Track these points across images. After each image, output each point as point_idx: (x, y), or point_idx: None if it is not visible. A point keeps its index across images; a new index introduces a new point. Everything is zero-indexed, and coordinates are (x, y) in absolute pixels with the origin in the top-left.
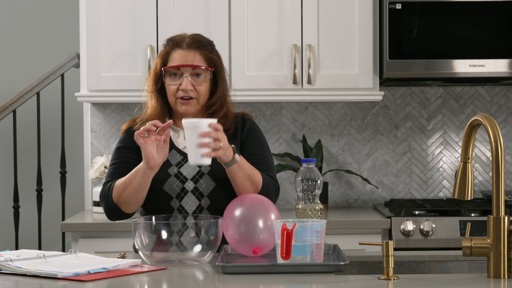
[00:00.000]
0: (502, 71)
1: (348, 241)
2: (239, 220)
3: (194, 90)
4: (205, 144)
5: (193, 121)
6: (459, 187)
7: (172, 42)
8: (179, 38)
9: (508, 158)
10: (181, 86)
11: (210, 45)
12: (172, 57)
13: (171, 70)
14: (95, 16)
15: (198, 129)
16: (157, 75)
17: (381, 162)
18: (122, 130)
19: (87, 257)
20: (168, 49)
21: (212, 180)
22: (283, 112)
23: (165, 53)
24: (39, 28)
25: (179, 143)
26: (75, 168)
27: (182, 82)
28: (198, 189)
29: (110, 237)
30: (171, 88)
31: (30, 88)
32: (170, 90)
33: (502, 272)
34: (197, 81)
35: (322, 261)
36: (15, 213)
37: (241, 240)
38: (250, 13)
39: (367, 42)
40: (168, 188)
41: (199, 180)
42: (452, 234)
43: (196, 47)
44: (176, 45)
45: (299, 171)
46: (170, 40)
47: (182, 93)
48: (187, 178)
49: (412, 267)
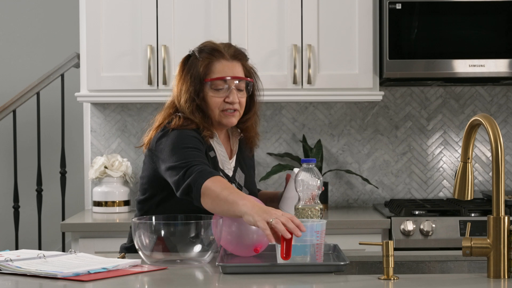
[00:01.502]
0: (502, 71)
1: (348, 241)
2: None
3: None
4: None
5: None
6: (459, 187)
7: (216, 53)
8: (219, 47)
9: (508, 158)
10: (228, 98)
11: (247, 56)
12: (215, 68)
13: (217, 83)
14: (95, 16)
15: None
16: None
17: (381, 162)
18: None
19: (87, 257)
20: (211, 59)
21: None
22: (283, 112)
23: (208, 64)
24: (39, 28)
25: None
26: (75, 168)
27: (229, 95)
28: None
29: (110, 237)
30: (217, 100)
31: (30, 88)
32: (214, 102)
33: (502, 272)
34: (240, 94)
35: (322, 261)
36: (15, 213)
37: (232, 240)
38: (250, 13)
39: (367, 42)
40: None
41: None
42: (452, 234)
43: (239, 59)
44: (219, 55)
45: (299, 170)
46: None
47: (228, 106)
48: None
49: (412, 267)
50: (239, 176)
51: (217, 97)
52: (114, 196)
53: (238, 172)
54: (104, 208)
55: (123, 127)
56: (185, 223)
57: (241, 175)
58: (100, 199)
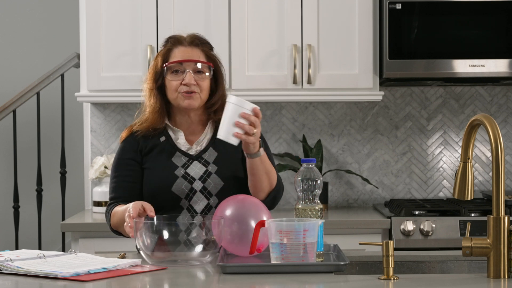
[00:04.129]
0: (502, 71)
1: (348, 241)
2: (231, 220)
3: (196, 85)
4: (241, 125)
5: (239, 99)
6: (459, 187)
7: (173, 40)
8: (179, 36)
9: (508, 158)
10: (184, 80)
11: (209, 44)
12: (173, 54)
13: (173, 66)
14: (95, 16)
15: (240, 109)
16: (157, 73)
17: (381, 162)
18: (121, 139)
19: (87, 257)
20: (169, 47)
21: (220, 179)
22: (283, 112)
23: (166, 51)
24: (39, 28)
25: (181, 144)
26: (75, 168)
27: (185, 77)
28: (207, 188)
29: (110, 237)
30: (173, 83)
31: (30, 88)
32: (172, 85)
33: (502, 272)
34: (199, 77)
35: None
36: (15, 213)
37: (233, 240)
38: (250, 13)
39: (367, 42)
40: (177, 190)
41: (207, 179)
42: (452, 234)
43: (197, 44)
44: (177, 42)
45: (299, 171)
46: (171, 38)
47: (185, 88)
48: (195, 178)
49: (412, 267)
50: (209, 155)
51: (174, 81)
52: None
53: (209, 150)
54: (104, 208)
55: (123, 127)
56: (186, 223)
57: (213, 153)
58: (100, 199)
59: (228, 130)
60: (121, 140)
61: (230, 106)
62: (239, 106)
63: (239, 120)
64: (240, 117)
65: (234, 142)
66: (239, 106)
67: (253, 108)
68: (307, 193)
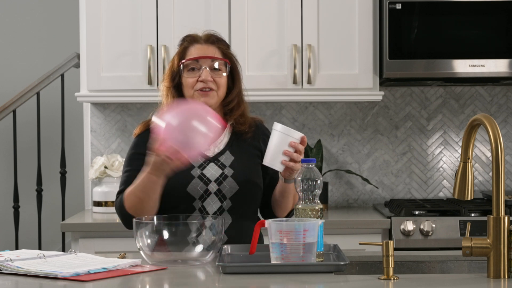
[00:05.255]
0: (502, 71)
1: (348, 241)
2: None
3: (213, 81)
4: (289, 153)
5: (285, 128)
6: (459, 187)
7: (189, 38)
8: (195, 35)
9: (508, 158)
10: (200, 77)
11: (225, 42)
12: (190, 52)
13: (189, 64)
14: (95, 16)
15: (288, 137)
16: (174, 72)
17: (381, 162)
18: (135, 134)
19: (87, 257)
20: (185, 45)
21: (236, 183)
22: (283, 112)
23: (183, 49)
24: (39, 28)
25: None
26: (75, 168)
27: (201, 74)
28: (221, 191)
29: (110, 237)
30: (190, 80)
31: (30, 88)
32: (188, 83)
33: (502, 272)
34: (215, 74)
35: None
36: (15, 213)
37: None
38: (250, 13)
39: (367, 42)
40: (192, 190)
41: (223, 182)
42: (452, 234)
43: (213, 42)
44: (193, 40)
45: (299, 171)
46: (187, 37)
47: (201, 85)
48: (210, 180)
49: (412, 267)
50: (226, 158)
51: (190, 78)
52: (114, 196)
53: (226, 154)
54: (104, 208)
55: (123, 127)
56: (186, 223)
57: (229, 156)
58: (100, 199)
59: (274, 157)
60: (135, 135)
61: (277, 134)
62: (286, 135)
63: (288, 149)
64: (287, 145)
65: (279, 168)
66: (286, 134)
67: (301, 136)
68: (307, 193)
